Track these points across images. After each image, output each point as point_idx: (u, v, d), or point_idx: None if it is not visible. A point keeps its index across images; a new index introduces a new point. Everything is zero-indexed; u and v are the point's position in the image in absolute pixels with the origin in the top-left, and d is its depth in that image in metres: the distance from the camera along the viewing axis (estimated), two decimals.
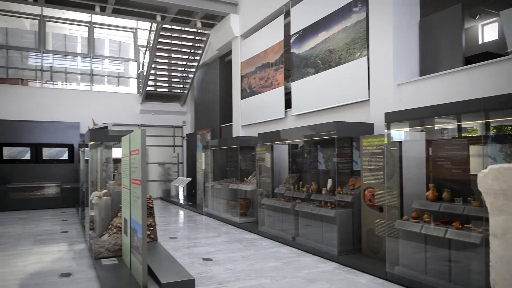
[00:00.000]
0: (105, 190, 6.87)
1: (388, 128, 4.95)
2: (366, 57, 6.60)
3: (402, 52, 6.10)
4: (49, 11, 14.46)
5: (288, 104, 8.94)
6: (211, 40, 12.60)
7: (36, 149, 13.17)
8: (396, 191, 4.97)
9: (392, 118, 4.90)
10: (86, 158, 8.37)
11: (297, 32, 8.49)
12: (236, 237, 7.49)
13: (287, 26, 9.04)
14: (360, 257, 5.66)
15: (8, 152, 12.82)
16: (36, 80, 14.75)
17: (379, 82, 6.28)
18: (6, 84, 13.97)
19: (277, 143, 7.87)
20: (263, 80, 9.93)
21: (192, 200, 13.31)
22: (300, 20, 8.42)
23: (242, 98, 10.98)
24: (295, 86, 8.54)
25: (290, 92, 8.83)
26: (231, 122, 11.76)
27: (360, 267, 5.22)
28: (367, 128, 6.13)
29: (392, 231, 4.89)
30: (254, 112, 10.32)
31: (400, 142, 4.97)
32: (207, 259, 5.81)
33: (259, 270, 5.24)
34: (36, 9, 14.25)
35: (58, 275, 5.10)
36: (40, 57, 14.35)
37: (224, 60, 13.03)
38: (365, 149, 5.73)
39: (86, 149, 8.14)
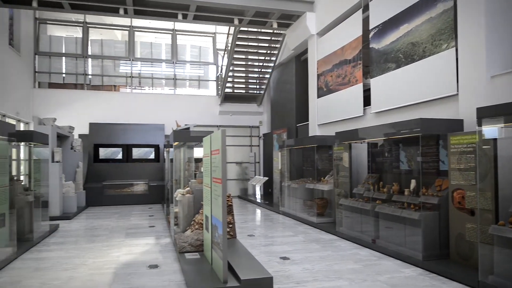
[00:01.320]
0: (188, 188, 7.23)
1: (480, 125, 4.53)
2: (454, 48, 6.12)
3: (496, 40, 5.55)
4: (137, 22, 15.66)
5: (366, 102, 8.63)
6: (287, 40, 12.64)
7: (127, 149, 14.35)
8: (490, 194, 4.53)
9: (485, 114, 4.47)
10: (170, 158, 8.90)
11: (377, 27, 8.16)
12: (313, 237, 7.41)
13: (365, 21, 8.73)
14: (448, 263, 5.26)
15: (103, 153, 14.13)
16: (126, 86, 16.09)
17: (469, 75, 5.78)
18: (101, 91, 15.42)
19: (356, 142, 7.64)
20: (340, 78, 9.71)
21: (269, 199, 13.46)
22: (379, 13, 8.08)
23: (319, 96, 10.84)
24: (374, 82, 8.21)
25: (369, 89, 8.52)
26: (307, 121, 11.67)
27: (448, 274, 4.85)
28: (456, 125, 5.68)
29: (485, 237, 4.47)
30: (331, 111, 10.13)
31: (495, 139, 4.52)
32: (284, 258, 5.84)
33: (337, 272, 5.13)
34: (126, 21, 15.53)
35: (147, 266, 5.48)
36: (130, 65, 15.61)
37: (300, 59, 12.98)
38: (453, 148, 5.32)
39: (171, 149, 8.65)
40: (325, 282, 4.70)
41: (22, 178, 9.62)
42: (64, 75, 15.09)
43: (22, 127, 13.11)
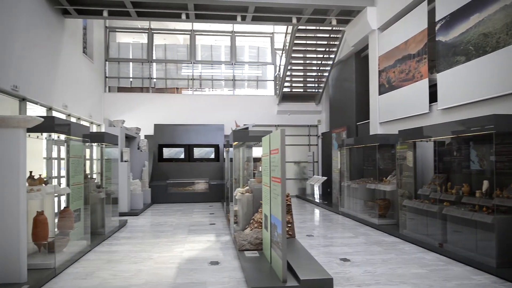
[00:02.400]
0: (247, 187, 7.32)
1: None
2: None
3: None
4: (197, 26, 16.19)
5: (432, 98, 8.18)
6: (347, 37, 12.35)
7: (189, 149, 14.88)
8: None
9: None
10: (230, 157, 9.07)
11: (444, 18, 7.70)
12: (375, 239, 7.17)
13: (431, 13, 8.27)
14: None
15: (167, 152, 14.78)
16: (188, 88, 16.70)
17: None
18: (165, 93, 16.14)
19: (421, 141, 7.26)
20: (403, 73, 9.29)
21: (328, 199, 13.24)
22: (446, 4, 7.61)
23: (380, 93, 10.46)
24: (441, 77, 7.75)
25: (435, 85, 8.06)
26: (368, 119, 11.31)
27: None
28: None
29: None
30: (394, 108, 9.73)
31: None
32: (345, 260, 5.71)
33: (401, 276, 4.91)
34: (187, 25, 16.12)
35: (208, 262, 5.63)
36: (191, 68, 16.17)
37: (360, 55, 12.62)
38: None
39: (230, 149, 8.82)
40: (388, 286, 4.53)
41: (94, 176, 10.34)
42: (131, 79, 16.00)
43: (94, 129, 14.11)
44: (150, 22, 15.88)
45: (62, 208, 6.01)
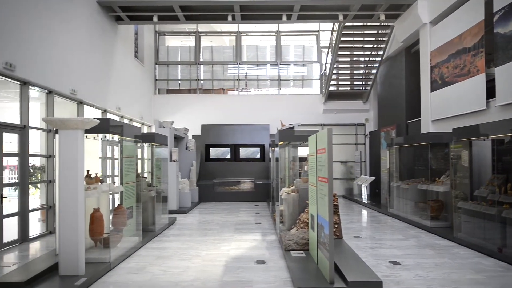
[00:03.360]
0: (293, 187, 7.29)
1: None
2: None
3: None
4: (243, 27, 16.36)
5: (490, 94, 7.71)
6: (396, 32, 11.94)
7: (235, 149, 15.07)
8: None
9: None
10: (276, 157, 9.08)
11: (503, 9, 7.22)
12: (427, 242, 6.87)
13: (488, 4, 7.80)
14: None
15: (214, 152, 15.06)
16: (234, 88, 16.92)
17: None
18: (212, 94, 16.46)
19: (477, 139, 6.86)
20: (458, 69, 8.83)
21: (376, 199, 12.88)
22: None
23: (432, 90, 10.01)
24: (500, 71, 7.28)
25: (492, 79, 7.59)
26: (419, 117, 10.87)
27: None
28: None
29: None
30: (447, 105, 9.28)
31: None
32: (394, 263, 5.52)
33: (456, 282, 4.67)
34: (233, 27, 16.34)
35: (254, 261, 5.67)
36: (237, 68, 16.37)
37: (410, 51, 12.15)
38: None
39: (276, 148, 8.82)
40: None
41: (145, 175, 10.76)
42: (179, 81, 16.48)
43: (145, 129, 14.68)
44: (197, 25, 16.26)
45: (116, 205, 6.31)
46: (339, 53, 13.44)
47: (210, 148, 15.06)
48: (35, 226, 7.80)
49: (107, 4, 10.68)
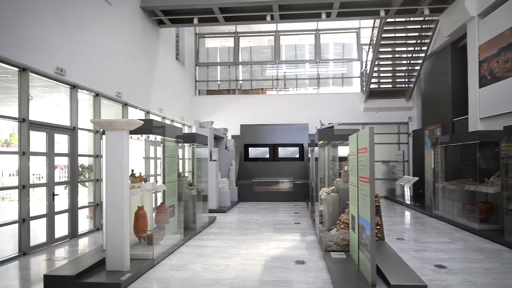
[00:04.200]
0: (333, 187, 7.20)
1: None
2: None
3: None
4: (282, 26, 16.34)
5: None
6: (441, 26, 11.47)
7: (273, 148, 15.08)
8: None
9: None
10: (315, 156, 9.00)
11: None
12: (475, 246, 6.55)
13: None
14: None
15: (252, 152, 15.15)
16: (272, 88, 16.93)
17: None
18: (250, 94, 16.56)
19: None
20: (509, 63, 8.34)
21: (420, 200, 12.43)
22: None
23: (481, 86, 9.53)
24: None
25: None
26: (466, 115, 10.37)
27: None
28: None
29: None
30: (498, 102, 8.79)
31: None
32: (440, 266, 5.31)
33: None
34: (272, 27, 16.35)
35: (294, 261, 5.65)
36: (275, 68, 16.38)
37: (457, 45, 11.63)
38: None
39: (315, 148, 8.74)
40: None
41: (186, 174, 11.01)
42: (219, 82, 16.73)
43: (186, 130, 15.02)
44: (236, 26, 16.42)
45: (158, 204, 6.51)
46: (381, 50, 13.09)
47: (249, 148, 15.15)
48: (84, 222, 8.20)
49: (150, 9, 11.02)
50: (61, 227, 7.22)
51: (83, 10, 7.87)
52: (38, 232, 6.64)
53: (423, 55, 13.19)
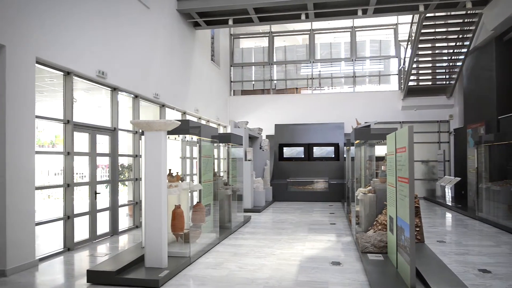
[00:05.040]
0: (370, 187, 7.05)
1: None
2: None
3: None
4: (316, 25, 16.18)
5: None
6: (484, 20, 10.95)
7: (308, 148, 14.97)
8: None
9: None
10: (351, 156, 8.85)
11: None
12: None
13: None
14: None
15: (287, 152, 15.11)
16: (307, 87, 16.81)
17: None
18: (285, 94, 16.52)
19: None
20: None
21: (462, 202, 11.93)
22: None
23: None
24: None
25: None
26: None
27: None
28: None
29: None
30: None
31: None
32: (484, 271, 5.07)
33: None
34: (306, 25, 16.23)
35: (329, 262, 5.59)
36: (310, 67, 16.24)
37: (502, 39, 11.06)
38: None
39: (351, 147, 8.60)
40: None
41: (222, 174, 11.15)
42: (253, 82, 16.80)
43: (221, 130, 15.19)
44: (270, 26, 16.42)
45: (195, 203, 6.63)
46: (420, 46, 12.67)
47: (284, 148, 15.12)
48: (124, 220, 8.48)
49: (186, 12, 11.24)
50: (103, 224, 7.51)
51: (123, 14, 8.14)
52: (81, 229, 6.94)
53: (465, 50, 12.65)
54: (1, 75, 5.09)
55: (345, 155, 12.27)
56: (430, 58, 13.42)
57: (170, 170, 5.76)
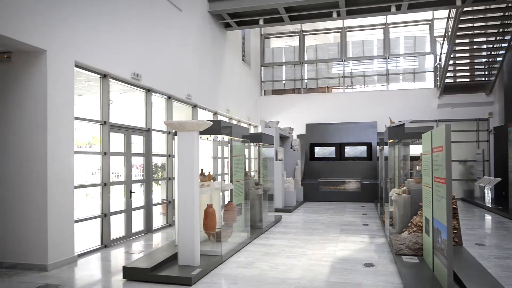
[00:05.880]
0: (404, 188, 6.88)
1: None
2: None
3: None
4: (348, 22, 15.94)
5: None
6: None
7: (340, 148, 14.77)
8: None
9: None
10: (385, 155, 8.66)
11: None
12: None
13: None
14: None
15: (318, 151, 14.97)
16: (338, 86, 16.59)
17: None
18: (316, 93, 16.38)
19: None
20: None
21: (502, 203, 11.40)
22: None
23: None
24: None
25: None
26: None
27: None
28: None
29: None
30: None
31: None
32: None
33: None
34: (338, 23, 16.01)
35: (362, 264, 5.49)
36: (342, 65, 16.02)
37: None
38: None
39: (385, 147, 8.42)
40: None
41: (253, 174, 11.19)
42: (284, 81, 16.76)
43: (252, 130, 15.25)
44: (301, 25, 16.32)
45: (226, 202, 6.69)
46: (457, 41, 12.22)
47: (315, 147, 14.99)
48: (157, 218, 8.67)
49: (217, 13, 11.36)
50: (137, 222, 7.71)
51: (156, 18, 8.32)
52: (117, 227, 7.15)
53: (505, 45, 12.09)
54: (43, 79, 5.33)
55: (378, 155, 12.03)
56: (468, 54, 12.93)
57: (202, 169, 5.84)
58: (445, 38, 13.26)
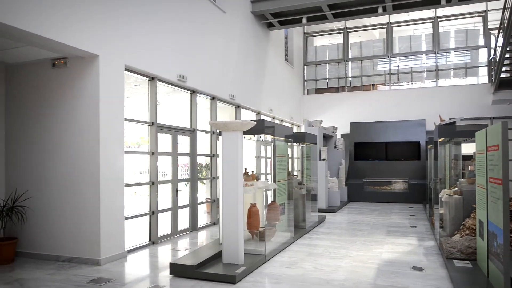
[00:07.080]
0: (455, 188, 6.56)
1: None
2: None
3: None
4: (394, 17, 15.42)
5: None
6: None
7: (386, 147, 14.33)
8: None
9: None
10: (434, 155, 8.31)
11: None
12: None
13: None
14: None
15: (364, 151, 14.61)
16: (384, 83, 16.09)
17: None
18: (360, 91, 16.02)
19: None
20: None
21: None
22: None
23: None
24: None
25: None
26: None
27: None
28: None
29: None
30: None
31: None
32: None
33: None
34: (383, 19, 15.53)
35: (410, 267, 5.30)
36: (388, 62, 15.54)
37: None
38: None
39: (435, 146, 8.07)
40: None
41: (296, 173, 11.12)
42: (327, 80, 16.52)
43: (294, 129, 15.18)
44: (345, 22, 16.02)
45: (269, 201, 6.70)
46: None
47: (360, 147, 14.65)
48: (202, 217, 8.86)
49: (260, 13, 11.41)
50: (183, 220, 7.92)
51: (200, 20, 8.50)
52: (164, 224, 7.39)
53: None
54: (95, 82, 5.61)
55: (427, 154, 11.55)
56: None
57: (245, 169, 5.89)
58: (501, 30, 12.48)
